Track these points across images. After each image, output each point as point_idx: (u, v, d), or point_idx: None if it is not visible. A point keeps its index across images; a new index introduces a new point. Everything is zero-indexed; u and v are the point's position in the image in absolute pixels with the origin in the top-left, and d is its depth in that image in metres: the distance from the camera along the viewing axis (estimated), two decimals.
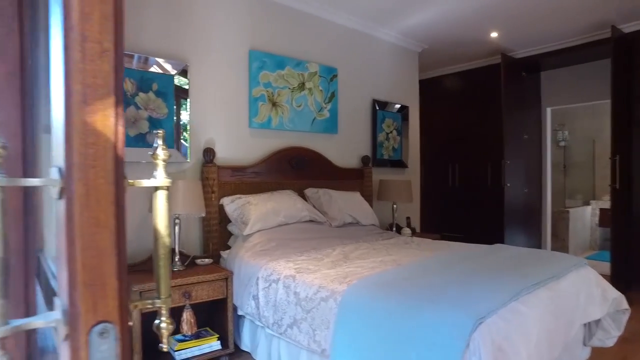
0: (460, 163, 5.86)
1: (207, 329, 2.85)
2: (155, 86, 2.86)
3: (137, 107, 2.80)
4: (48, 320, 0.38)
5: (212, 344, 2.69)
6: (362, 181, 4.30)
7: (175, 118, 2.97)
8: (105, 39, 0.36)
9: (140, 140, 2.79)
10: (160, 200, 0.46)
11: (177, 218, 2.70)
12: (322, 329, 2.16)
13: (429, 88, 5.96)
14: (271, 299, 2.48)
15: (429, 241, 3.54)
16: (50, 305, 0.74)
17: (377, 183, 4.47)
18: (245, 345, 2.82)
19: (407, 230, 4.35)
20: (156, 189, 0.46)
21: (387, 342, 1.82)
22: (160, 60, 2.89)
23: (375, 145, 4.55)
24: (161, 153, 0.46)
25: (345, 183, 4.04)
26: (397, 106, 4.79)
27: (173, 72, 2.95)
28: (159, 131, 0.48)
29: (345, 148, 4.24)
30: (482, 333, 1.64)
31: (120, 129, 0.37)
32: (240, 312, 2.78)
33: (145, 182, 0.44)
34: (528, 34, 4.71)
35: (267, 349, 2.61)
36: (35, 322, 0.37)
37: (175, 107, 2.96)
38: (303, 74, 3.77)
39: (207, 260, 2.89)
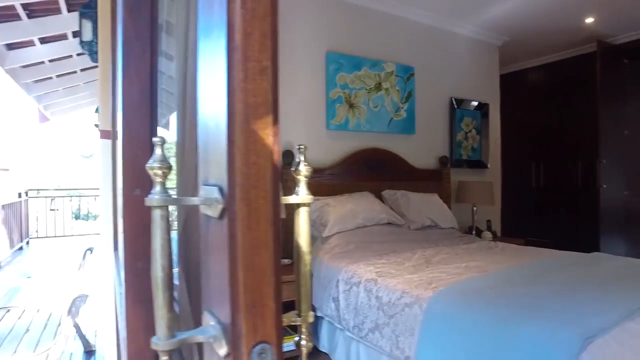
0: (546, 163, 5.41)
1: (286, 327, 2.92)
2: None
3: None
4: (206, 336, 0.39)
5: (289, 344, 2.75)
6: (440, 183, 4.14)
7: None
8: (265, 57, 0.36)
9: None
10: (303, 217, 0.45)
11: None
12: (405, 335, 2.10)
13: (510, 83, 5.57)
14: (352, 302, 2.46)
15: (514, 247, 3.31)
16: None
17: (455, 184, 4.27)
18: (323, 346, 2.83)
19: (487, 234, 4.11)
20: (298, 205, 0.46)
21: (478, 356, 1.72)
22: None
23: (453, 145, 4.35)
24: (303, 169, 0.46)
25: (422, 185, 3.92)
26: (477, 104, 4.54)
27: None
28: (301, 146, 0.47)
29: (422, 148, 4.11)
30: (593, 355, 1.48)
31: (277, 148, 0.37)
32: (319, 314, 2.80)
33: (291, 199, 0.44)
34: (631, 15, 4.21)
35: (345, 351, 2.60)
36: (198, 336, 0.38)
37: None
38: (379, 74, 3.71)
39: (286, 261, 2.95)
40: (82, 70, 6.23)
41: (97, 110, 6.53)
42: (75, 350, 2.89)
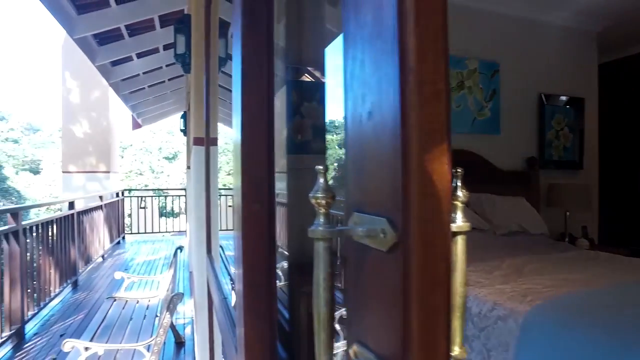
0: None
1: None
2: (317, 95, 3.01)
3: (302, 117, 2.98)
4: None
5: None
6: (528, 185, 3.85)
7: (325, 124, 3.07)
8: (439, 79, 0.33)
9: (303, 147, 2.97)
10: (461, 247, 0.42)
11: (339, 223, 2.79)
12: (499, 350, 1.97)
13: (610, 74, 5.01)
14: None
15: (620, 258, 2.96)
16: None
17: (545, 187, 3.95)
18: None
19: (583, 242, 3.74)
20: (454, 234, 0.43)
21: None
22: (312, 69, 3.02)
23: (542, 144, 4.02)
24: (461, 194, 0.43)
25: (508, 187, 3.66)
26: (569, 99, 4.15)
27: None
28: (458, 170, 0.44)
29: (508, 149, 3.85)
30: None
31: (450, 177, 0.34)
32: None
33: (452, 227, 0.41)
34: None
35: None
36: None
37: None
38: (462, 72, 3.54)
39: None
40: (169, 79, 6.74)
41: (182, 117, 7.02)
42: (167, 340, 3.11)
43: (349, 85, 0.43)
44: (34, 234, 4.04)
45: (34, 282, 4.13)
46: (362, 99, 0.40)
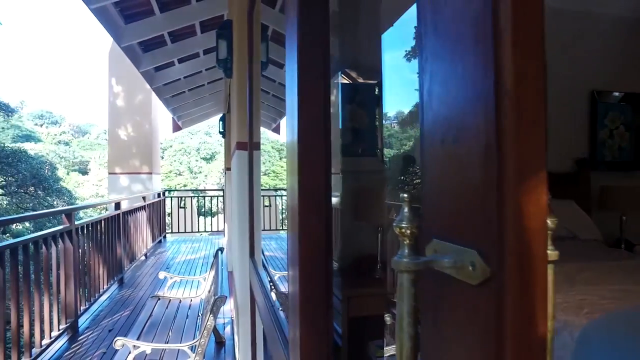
0: None
1: None
2: (357, 97, 2.99)
3: (354, 119, 2.97)
4: None
5: None
6: (577, 188, 3.65)
7: (377, 126, 3.04)
8: (537, 102, 0.31)
9: (354, 150, 2.95)
10: (550, 278, 0.39)
11: (381, 227, 2.75)
12: None
13: None
14: None
15: None
16: None
17: (596, 190, 3.73)
18: None
19: None
20: None
21: None
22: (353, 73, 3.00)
23: (594, 145, 3.81)
24: (549, 222, 0.40)
25: (555, 190, 3.48)
26: (624, 95, 3.91)
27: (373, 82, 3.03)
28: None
29: (555, 149, 3.66)
30: None
31: (546, 208, 0.31)
32: None
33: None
34: None
35: None
36: None
37: (376, 116, 3.03)
38: None
39: None
40: (208, 83, 6.91)
41: (221, 119, 7.18)
42: (208, 340, 3.19)
43: (427, 103, 0.41)
44: (85, 233, 4.25)
45: (86, 279, 4.35)
46: (444, 120, 0.38)
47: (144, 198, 7.07)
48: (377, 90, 2.80)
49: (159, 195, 8.59)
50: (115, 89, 8.51)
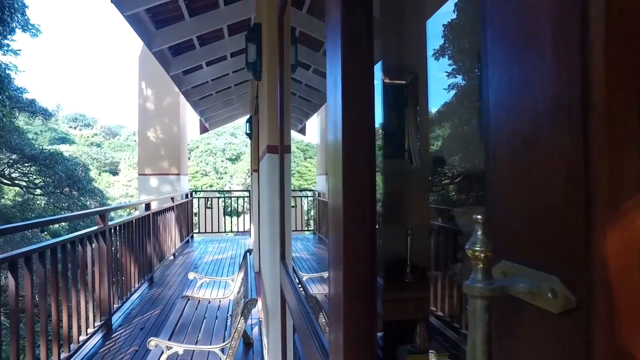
0: None
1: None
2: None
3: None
4: None
5: None
6: None
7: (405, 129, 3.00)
8: (631, 118, 0.28)
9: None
10: None
11: (410, 229, 2.71)
12: None
13: None
14: None
15: None
16: None
17: None
18: None
19: None
20: None
21: None
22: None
23: None
24: None
25: None
26: None
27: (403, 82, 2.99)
28: None
29: None
30: None
31: None
32: None
33: None
34: None
35: None
36: None
37: (406, 116, 2.99)
38: None
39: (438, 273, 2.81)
40: (235, 85, 7.00)
41: (248, 121, 7.26)
42: None
43: (493, 112, 0.39)
44: (118, 233, 4.37)
45: (118, 277, 4.48)
46: (514, 133, 0.36)
47: (172, 199, 7.23)
48: (409, 89, 2.76)
49: (186, 196, 8.76)
50: (145, 92, 8.74)
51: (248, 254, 3.46)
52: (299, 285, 3.07)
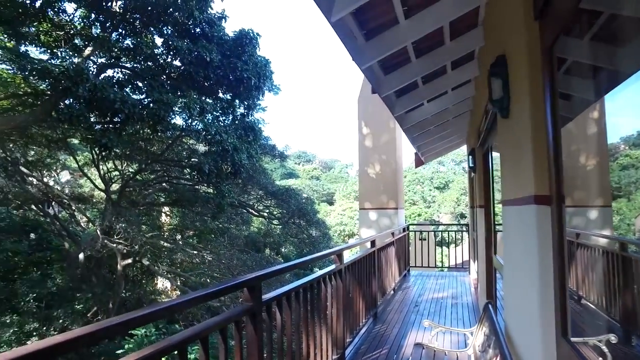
0: None
1: None
2: None
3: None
4: None
5: None
6: None
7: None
8: None
9: None
10: None
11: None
12: None
13: None
14: None
15: None
16: None
17: None
18: None
19: None
20: None
21: None
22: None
23: None
24: None
25: None
26: None
27: None
28: None
29: None
30: None
31: None
32: None
33: None
34: None
35: None
36: None
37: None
38: None
39: None
40: (453, 117, 6.74)
41: (470, 154, 6.84)
42: None
43: None
44: (350, 270, 4.63)
45: (349, 313, 4.71)
46: None
47: (392, 234, 7.36)
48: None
49: (403, 229, 8.83)
50: (364, 130, 9.40)
51: (489, 306, 3.06)
52: None
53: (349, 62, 3.39)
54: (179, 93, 10.61)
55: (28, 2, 9.25)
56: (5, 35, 9.97)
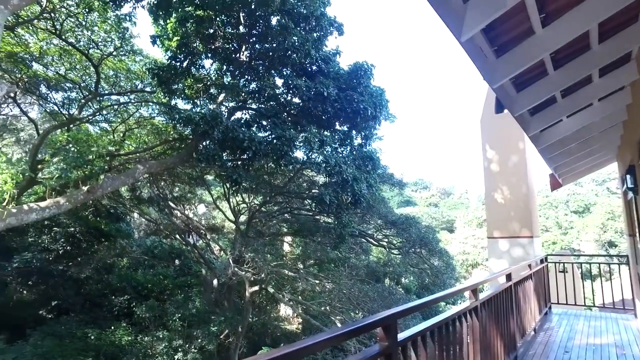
0: None
1: None
2: None
3: None
4: None
5: None
6: None
7: None
8: None
9: None
10: None
11: None
12: None
13: None
14: None
15: None
16: None
17: None
18: None
19: None
20: None
21: None
22: None
23: None
24: None
25: None
26: None
27: None
28: None
29: None
30: None
31: None
32: None
33: None
34: None
35: None
36: None
37: None
38: None
39: None
40: (600, 132, 5.85)
41: (629, 172, 5.84)
42: None
43: None
44: (486, 307, 4.19)
45: (486, 355, 4.23)
46: None
47: (529, 266, 6.55)
48: None
49: (541, 261, 7.80)
50: (489, 153, 8.71)
51: None
52: None
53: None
54: (299, 128, 11.28)
55: (177, 64, 10.98)
56: (162, 94, 11.95)
